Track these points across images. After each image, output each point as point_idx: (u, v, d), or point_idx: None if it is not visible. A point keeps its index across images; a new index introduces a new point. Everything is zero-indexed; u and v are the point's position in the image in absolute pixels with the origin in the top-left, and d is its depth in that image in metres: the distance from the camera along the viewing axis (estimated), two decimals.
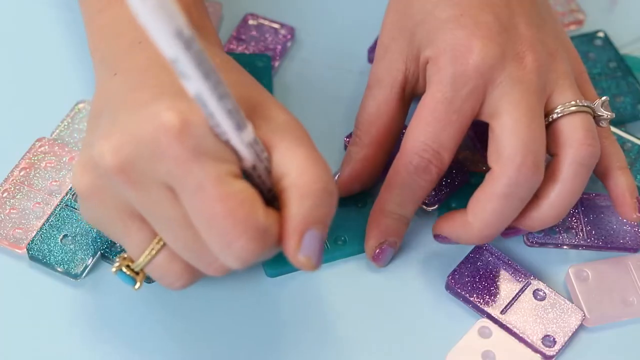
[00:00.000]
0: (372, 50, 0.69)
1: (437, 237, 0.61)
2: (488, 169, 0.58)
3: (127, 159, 0.49)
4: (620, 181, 0.61)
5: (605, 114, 0.60)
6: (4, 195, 0.62)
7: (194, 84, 0.47)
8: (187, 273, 0.53)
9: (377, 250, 0.61)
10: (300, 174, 0.50)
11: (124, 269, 0.54)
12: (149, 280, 0.60)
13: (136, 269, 0.54)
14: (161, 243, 0.53)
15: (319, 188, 0.50)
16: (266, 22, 0.71)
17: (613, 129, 0.66)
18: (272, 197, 0.51)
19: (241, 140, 0.49)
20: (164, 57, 0.46)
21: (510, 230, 0.60)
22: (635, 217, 0.61)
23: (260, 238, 0.49)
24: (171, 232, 0.51)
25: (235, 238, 0.49)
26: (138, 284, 0.55)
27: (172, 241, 0.52)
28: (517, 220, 0.59)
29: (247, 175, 0.51)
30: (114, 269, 0.54)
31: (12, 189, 0.62)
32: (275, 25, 0.71)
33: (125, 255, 0.54)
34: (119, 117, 0.51)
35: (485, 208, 0.57)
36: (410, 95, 0.62)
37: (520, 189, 0.57)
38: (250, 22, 0.71)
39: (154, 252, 0.53)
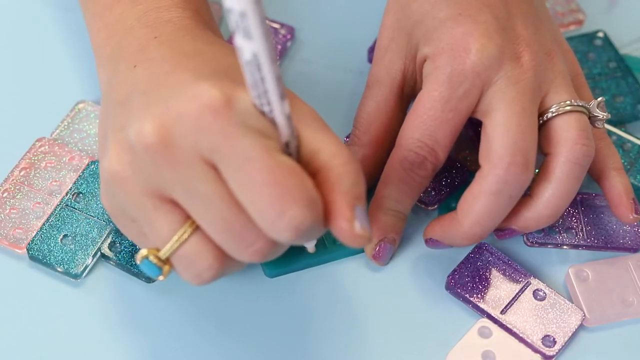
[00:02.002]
0: (371, 50, 0.69)
1: (428, 241, 0.61)
2: None
3: (169, 134, 0.49)
4: (616, 182, 0.61)
5: (601, 114, 0.60)
6: (4, 195, 0.62)
7: (254, 43, 0.46)
8: (218, 262, 0.51)
9: (377, 248, 0.61)
10: (335, 154, 0.50)
11: (151, 257, 0.52)
12: (149, 280, 0.60)
13: (164, 256, 0.51)
14: (193, 226, 0.50)
15: (355, 167, 0.50)
16: (266, 22, 0.71)
17: (613, 128, 0.66)
18: None
19: (282, 111, 0.49)
20: (230, 11, 0.45)
21: (506, 231, 0.60)
22: (631, 218, 0.61)
23: (314, 207, 0.48)
24: (211, 210, 0.49)
25: (289, 205, 0.48)
26: (163, 276, 0.52)
27: (210, 221, 0.50)
28: (511, 220, 0.59)
29: None
30: (139, 258, 0.52)
31: (12, 189, 0.62)
32: (275, 25, 0.71)
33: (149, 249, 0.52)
34: (157, 97, 0.50)
35: (475, 205, 0.57)
36: (409, 94, 0.62)
37: (509, 187, 0.57)
38: None
39: (185, 235, 0.51)
